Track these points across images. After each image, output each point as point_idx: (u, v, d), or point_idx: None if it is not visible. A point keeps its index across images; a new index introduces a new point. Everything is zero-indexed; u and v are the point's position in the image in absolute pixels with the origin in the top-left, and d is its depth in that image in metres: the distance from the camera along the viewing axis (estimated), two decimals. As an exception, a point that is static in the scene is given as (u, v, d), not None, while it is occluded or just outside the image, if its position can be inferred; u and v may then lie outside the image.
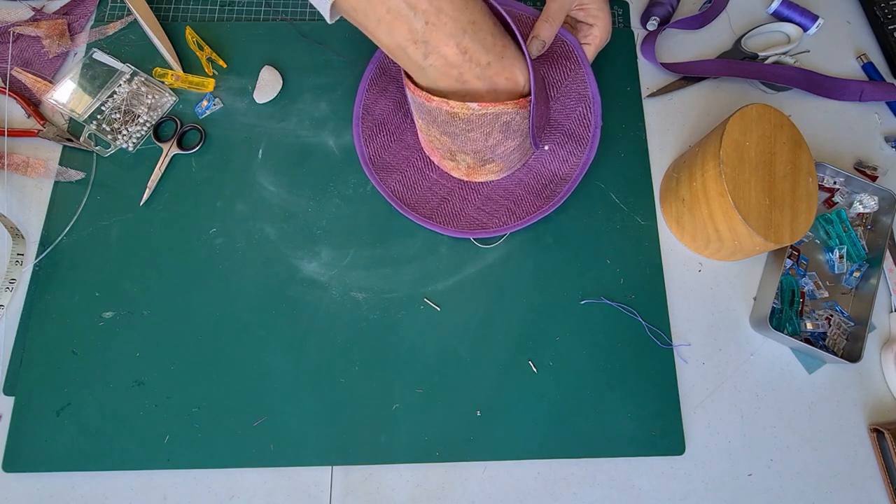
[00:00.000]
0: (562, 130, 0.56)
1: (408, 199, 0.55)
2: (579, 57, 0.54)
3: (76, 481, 0.48)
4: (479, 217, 0.55)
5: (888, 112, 0.67)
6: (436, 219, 0.54)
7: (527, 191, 0.55)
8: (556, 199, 0.54)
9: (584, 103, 0.55)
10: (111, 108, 0.57)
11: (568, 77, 0.55)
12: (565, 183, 0.55)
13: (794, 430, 0.54)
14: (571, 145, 0.55)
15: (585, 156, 0.55)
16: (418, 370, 0.52)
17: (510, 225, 0.54)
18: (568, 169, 0.55)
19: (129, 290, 0.52)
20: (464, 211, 0.55)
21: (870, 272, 0.58)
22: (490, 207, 0.55)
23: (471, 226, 0.54)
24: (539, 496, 0.50)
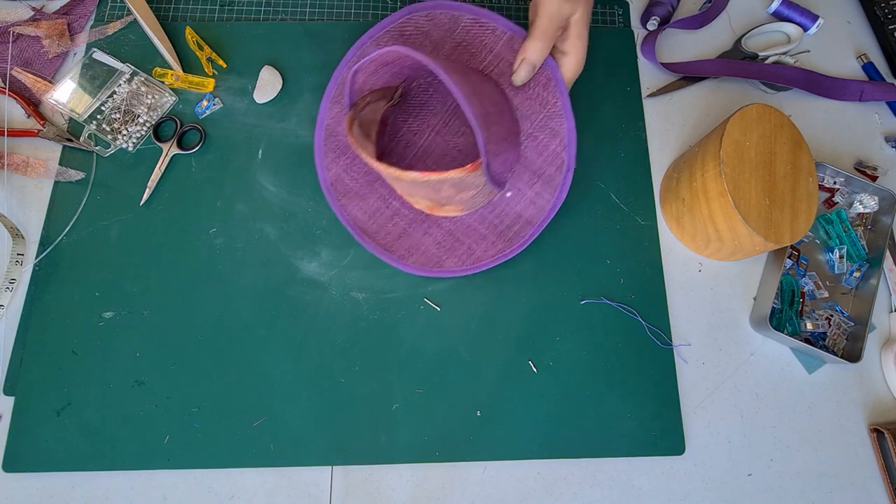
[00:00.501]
0: (532, 169, 0.51)
1: (368, 228, 0.52)
2: (558, 87, 0.49)
3: (76, 481, 0.48)
4: (438, 253, 0.52)
5: (888, 112, 0.67)
6: (394, 251, 0.51)
7: (490, 230, 0.51)
8: (517, 243, 0.51)
9: (558, 140, 0.50)
10: (111, 108, 0.57)
11: (544, 109, 0.50)
12: (530, 226, 0.51)
13: (794, 430, 0.54)
14: (540, 186, 0.51)
15: (554, 199, 0.50)
16: (418, 370, 0.52)
17: (468, 267, 0.51)
18: (534, 212, 0.51)
19: (129, 290, 0.52)
20: (423, 245, 0.52)
21: (870, 272, 0.58)
22: (450, 243, 0.52)
23: (428, 263, 0.51)
24: (539, 496, 0.50)
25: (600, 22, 0.66)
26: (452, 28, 0.52)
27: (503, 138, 0.46)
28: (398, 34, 0.52)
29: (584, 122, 0.61)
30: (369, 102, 0.48)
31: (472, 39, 0.51)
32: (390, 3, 0.65)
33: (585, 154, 0.60)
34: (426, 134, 0.53)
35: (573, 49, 0.48)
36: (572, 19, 0.46)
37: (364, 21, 0.63)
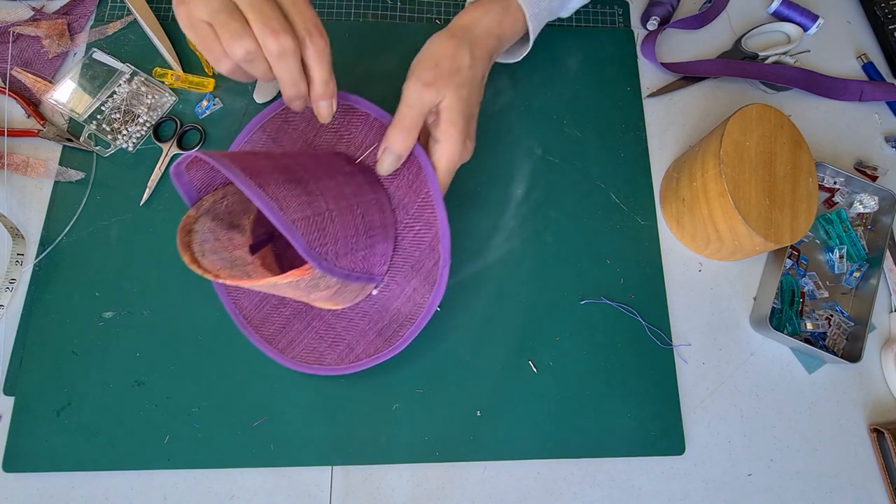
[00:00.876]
0: (411, 262, 0.47)
1: (253, 318, 0.49)
2: (428, 176, 0.45)
3: (76, 481, 0.48)
4: (318, 346, 0.48)
5: (888, 112, 0.67)
6: (275, 343, 0.49)
7: (371, 326, 0.48)
8: (396, 343, 0.47)
9: (433, 232, 0.46)
10: (111, 108, 0.57)
11: (418, 198, 0.46)
12: (409, 325, 0.47)
13: (794, 430, 0.54)
14: (418, 282, 0.47)
15: (432, 297, 0.46)
16: (418, 370, 0.52)
17: (346, 366, 0.48)
18: (412, 308, 0.47)
19: (129, 290, 0.52)
20: (304, 338, 0.49)
21: (870, 272, 0.58)
22: (331, 337, 0.48)
23: (308, 358, 0.48)
24: (539, 496, 0.50)
25: (600, 22, 0.66)
26: None
27: (359, 234, 0.43)
28: (283, 120, 0.50)
29: (585, 122, 0.61)
30: (232, 193, 0.44)
31: (348, 126, 0.49)
32: (390, 3, 0.65)
33: (585, 154, 0.60)
34: None
35: (444, 137, 0.44)
36: (442, 105, 0.43)
37: (364, 21, 0.63)
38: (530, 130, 0.61)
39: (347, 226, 0.41)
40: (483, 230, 0.56)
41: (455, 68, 0.44)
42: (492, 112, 0.61)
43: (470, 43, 0.45)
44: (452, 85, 0.43)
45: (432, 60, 0.43)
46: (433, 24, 0.64)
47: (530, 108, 0.61)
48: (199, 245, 0.41)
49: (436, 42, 0.45)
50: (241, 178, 0.35)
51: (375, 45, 0.62)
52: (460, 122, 0.44)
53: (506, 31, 0.48)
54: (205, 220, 0.42)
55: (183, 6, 0.36)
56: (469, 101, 0.45)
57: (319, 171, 0.42)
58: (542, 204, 0.58)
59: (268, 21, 0.36)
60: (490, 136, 0.59)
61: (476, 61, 0.45)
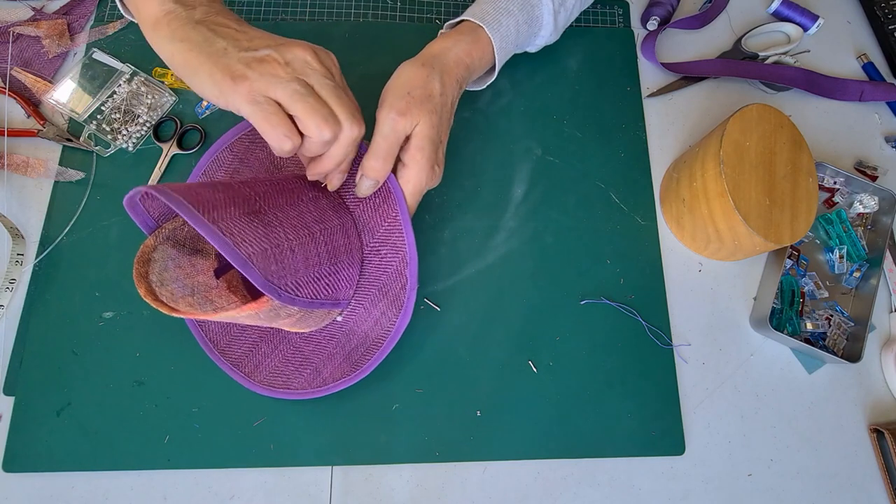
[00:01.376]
0: (377, 286, 0.47)
1: (220, 342, 0.48)
2: (397, 200, 0.46)
3: (76, 481, 0.48)
4: (285, 370, 0.48)
5: (888, 112, 0.67)
6: (242, 367, 0.48)
7: (338, 349, 0.48)
8: (363, 367, 0.47)
9: (399, 257, 0.46)
10: (111, 108, 0.57)
11: (385, 222, 0.47)
12: (376, 348, 0.47)
13: (794, 430, 0.54)
14: (385, 305, 0.47)
15: (398, 321, 0.47)
16: (418, 370, 0.52)
17: (314, 390, 0.48)
18: (380, 332, 0.47)
19: (129, 290, 0.52)
20: (270, 361, 0.48)
21: (870, 272, 0.58)
22: (298, 361, 0.48)
23: (275, 382, 0.48)
24: (539, 496, 0.50)
25: (600, 22, 0.67)
26: None
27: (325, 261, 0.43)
28: (250, 141, 0.49)
29: (585, 122, 0.61)
30: None
31: None
32: (390, 3, 0.65)
33: (585, 154, 0.60)
34: None
35: (412, 162, 0.45)
36: (414, 131, 0.44)
37: (364, 21, 0.63)
38: (530, 130, 0.61)
39: (309, 255, 0.41)
40: (483, 230, 0.56)
41: (426, 95, 0.45)
42: (492, 112, 0.61)
43: (440, 71, 0.46)
44: (424, 112, 0.44)
45: (404, 89, 0.44)
46: (433, 23, 0.64)
47: (530, 108, 0.61)
48: (158, 274, 0.40)
49: (407, 70, 0.46)
50: (192, 214, 0.34)
51: (375, 45, 0.62)
52: (428, 148, 0.45)
53: (475, 61, 0.50)
54: (164, 248, 0.42)
55: (249, 83, 0.37)
56: (439, 127, 0.46)
57: (279, 199, 0.42)
58: (542, 204, 0.58)
59: (353, 112, 0.40)
60: (490, 136, 0.59)
61: (446, 88, 0.46)
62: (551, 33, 0.57)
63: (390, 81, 0.46)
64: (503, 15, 0.51)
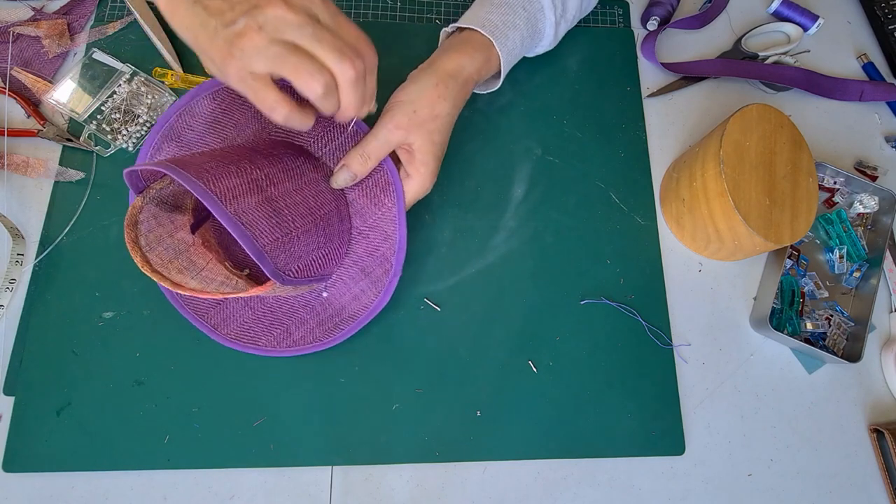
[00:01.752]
0: (361, 266, 0.50)
1: None
2: (397, 193, 0.48)
3: (76, 481, 0.48)
4: (254, 329, 0.49)
5: (888, 112, 0.67)
6: (208, 319, 0.48)
7: (312, 316, 0.49)
8: (337, 336, 0.49)
9: (388, 244, 0.49)
10: (111, 108, 0.57)
11: (378, 210, 0.49)
12: (352, 321, 0.49)
13: (794, 430, 0.54)
14: (366, 284, 0.49)
15: (377, 300, 0.49)
16: (418, 370, 0.52)
17: (283, 349, 0.49)
18: (358, 308, 0.49)
19: (129, 290, 0.52)
20: (239, 317, 0.49)
21: (870, 272, 0.58)
22: (268, 321, 0.49)
23: (242, 337, 0.48)
24: (539, 496, 0.50)
25: (600, 22, 0.67)
26: None
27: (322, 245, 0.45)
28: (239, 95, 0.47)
29: (585, 122, 0.61)
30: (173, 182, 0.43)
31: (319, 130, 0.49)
32: (390, 3, 0.65)
33: (585, 154, 0.60)
34: None
35: (416, 174, 0.48)
36: (414, 147, 0.46)
37: (364, 21, 0.63)
38: (530, 130, 0.61)
39: (311, 240, 0.43)
40: (483, 230, 0.56)
41: (432, 116, 0.46)
42: (492, 112, 0.61)
43: (454, 92, 0.48)
44: (425, 131, 0.46)
45: (411, 106, 0.46)
46: (433, 24, 0.64)
47: (530, 108, 0.61)
48: (145, 237, 0.41)
49: (419, 85, 0.47)
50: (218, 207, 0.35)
51: (375, 45, 0.62)
52: (432, 163, 0.47)
53: (482, 76, 0.52)
54: (149, 207, 0.42)
55: (234, 61, 0.35)
56: (441, 145, 0.48)
57: (288, 184, 0.43)
58: (542, 204, 0.58)
59: (340, 50, 0.36)
60: (490, 136, 0.59)
61: (455, 109, 0.49)
62: (550, 43, 0.58)
63: (401, 90, 0.47)
64: (510, 29, 0.52)
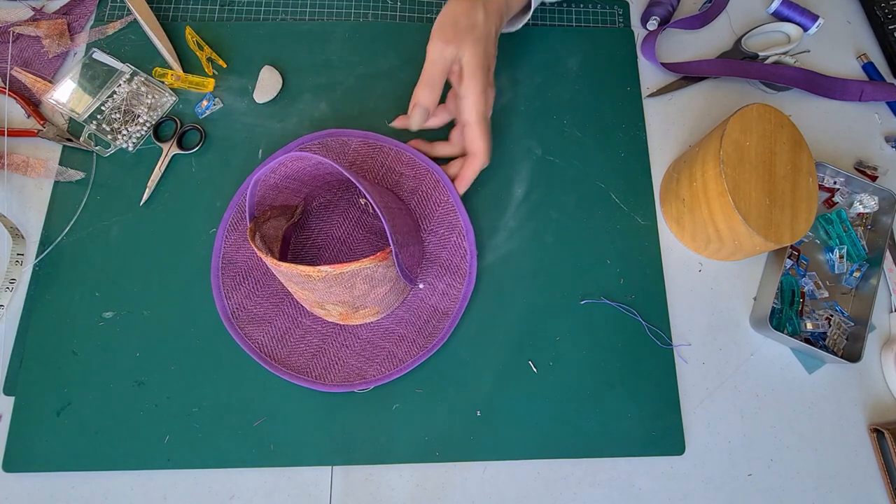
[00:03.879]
0: (439, 263, 0.53)
1: (277, 354, 0.50)
2: (447, 186, 0.54)
3: (76, 481, 0.48)
4: (358, 365, 0.50)
5: (888, 112, 0.67)
6: (309, 373, 0.50)
7: (408, 329, 0.51)
8: (438, 336, 0.51)
9: (456, 232, 0.53)
10: (111, 108, 0.57)
11: (439, 207, 0.54)
12: (447, 318, 0.52)
13: (794, 430, 0.54)
14: (450, 277, 0.53)
15: (465, 288, 0.52)
16: (418, 370, 0.52)
17: (391, 372, 0.50)
18: (448, 303, 0.52)
19: (129, 290, 0.52)
20: (341, 359, 0.50)
21: (870, 272, 0.58)
22: (370, 352, 0.51)
23: (348, 377, 0.50)
24: (539, 496, 0.50)
25: (600, 22, 0.67)
26: (344, 151, 0.56)
27: (407, 231, 0.49)
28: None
29: (585, 122, 0.61)
30: (270, 217, 0.49)
31: (364, 158, 0.56)
32: (390, 3, 0.65)
33: (585, 154, 0.60)
34: (331, 249, 0.54)
35: (469, 91, 0.49)
36: (463, 61, 0.48)
37: (364, 21, 0.63)
38: (530, 130, 0.61)
39: (403, 223, 0.48)
40: (483, 230, 0.56)
41: (471, 24, 0.48)
42: (492, 112, 0.61)
43: (483, 2, 0.50)
44: (470, 39, 0.48)
45: (450, 20, 0.48)
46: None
47: (530, 108, 0.61)
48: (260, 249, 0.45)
49: (452, 4, 0.50)
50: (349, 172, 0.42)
51: (375, 45, 0.62)
52: (479, 73, 0.49)
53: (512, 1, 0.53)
54: (258, 238, 0.46)
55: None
56: (486, 53, 0.49)
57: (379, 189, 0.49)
58: (542, 204, 0.58)
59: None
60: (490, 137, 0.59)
61: (489, 16, 0.50)
62: None
63: (438, 17, 0.50)
64: None
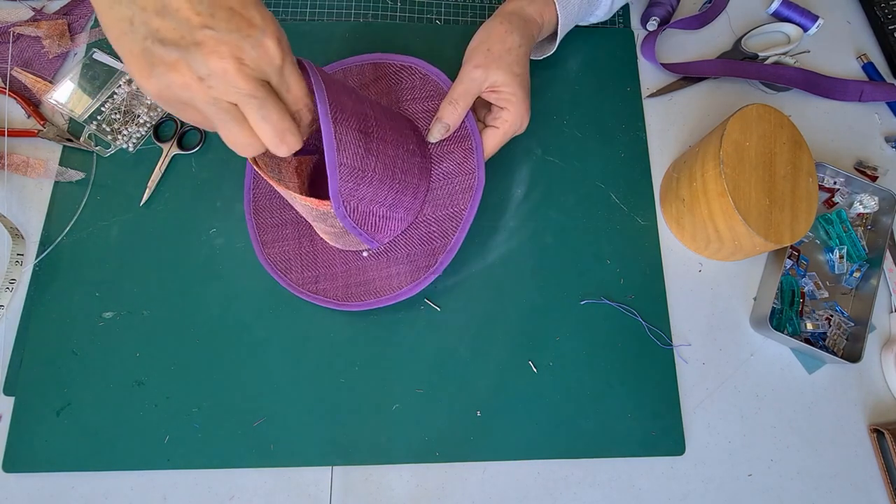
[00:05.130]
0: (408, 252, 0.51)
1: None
2: (475, 144, 0.50)
3: (76, 481, 0.48)
4: (293, 259, 0.53)
5: (888, 112, 0.67)
6: (262, 234, 0.53)
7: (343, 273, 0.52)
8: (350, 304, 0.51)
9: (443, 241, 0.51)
10: (111, 108, 0.57)
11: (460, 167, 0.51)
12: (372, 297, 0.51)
13: (794, 430, 0.54)
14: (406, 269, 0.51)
15: (406, 289, 0.50)
16: (418, 370, 0.52)
17: (303, 291, 0.52)
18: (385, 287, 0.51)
19: (129, 290, 0.52)
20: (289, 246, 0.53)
21: (870, 272, 0.58)
22: (308, 260, 0.53)
23: (279, 263, 0.52)
24: (539, 496, 0.50)
25: (601, 22, 0.66)
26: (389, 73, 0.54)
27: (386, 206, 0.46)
28: None
29: (585, 122, 0.61)
30: None
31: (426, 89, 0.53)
32: (390, 3, 0.65)
33: (585, 154, 0.60)
34: None
35: (510, 104, 0.49)
36: (499, 82, 0.48)
37: (364, 21, 0.63)
38: (530, 130, 0.60)
39: (379, 192, 0.45)
40: (483, 230, 0.56)
41: (506, 49, 0.49)
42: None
43: (519, 27, 0.50)
44: (504, 64, 0.48)
45: (484, 45, 0.49)
46: (433, 24, 0.64)
47: (530, 109, 0.61)
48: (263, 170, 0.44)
49: (486, 28, 0.51)
50: (325, 106, 0.38)
51: (375, 45, 0.62)
52: (519, 92, 0.49)
53: (544, 23, 0.53)
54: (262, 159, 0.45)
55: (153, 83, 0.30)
56: (523, 77, 0.50)
57: (388, 135, 0.46)
58: (542, 204, 0.58)
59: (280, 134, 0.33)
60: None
61: (525, 41, 0.50)
62: (606, 12, 0.60)
63: (472, 41, 0.51)
64: None
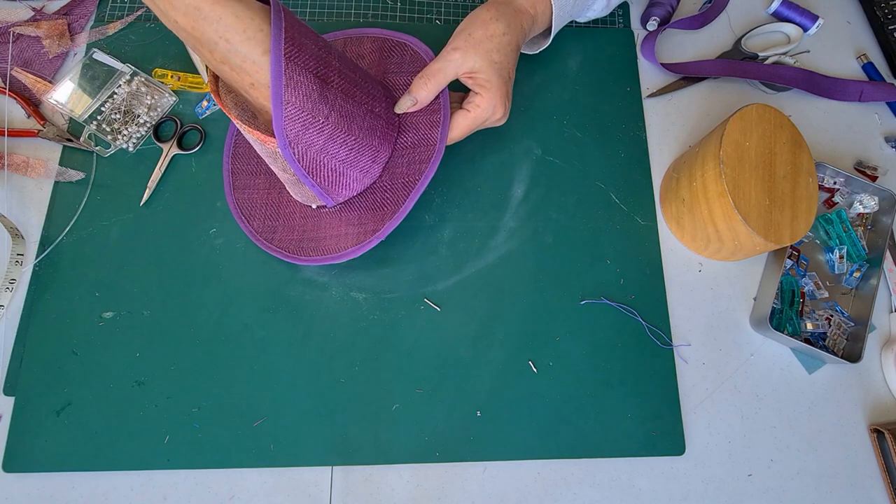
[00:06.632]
0: (358, 215, 0.51)
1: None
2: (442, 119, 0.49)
3: (76, 481, 0.48)
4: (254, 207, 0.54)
5: (888, 112, 0.67)
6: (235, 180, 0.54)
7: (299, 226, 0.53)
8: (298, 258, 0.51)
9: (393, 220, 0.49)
10: (111, 108, 0.57)
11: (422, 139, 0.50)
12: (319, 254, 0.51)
13: (794, 430, 0.54)
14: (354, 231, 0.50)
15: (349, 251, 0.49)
16: (418, 370, 0.52)
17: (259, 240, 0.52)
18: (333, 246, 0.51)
19: (129, 290, 0.52)
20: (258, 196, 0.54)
21: (870, 272, 0.58)
22: (271, 211, 0.53)
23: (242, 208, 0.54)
24: (539, 496, 0.50)
25: (600, 22, 0.66)
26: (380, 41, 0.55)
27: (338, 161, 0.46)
28: None
29: (585, 122, 0.61)
30: None
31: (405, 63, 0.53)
32: (390, 3, 0.65)
33: (585, 154, 0.60)
34: None
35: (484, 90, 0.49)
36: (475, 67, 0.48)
37: (364, 21, 0.63)
38: (530, 130, 0.61)
39: (331, 144, 0.44)
40: (483, 230, 0.56)
41: (487, 36, 0.48)
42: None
43: (507, 16, 0.50)
44: (483, 51, 0.48)
45: (467, 30, 0.49)
46: (433, 24, 0.64)
47: (530, 109, 0.61)
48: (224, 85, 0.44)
49: (474, 13, 0.50)
50: (278, 40, 0.37)
51: (375, 46, 0.62)
52: (494, 79, 0.49)
53: (537, 14, 0.53)
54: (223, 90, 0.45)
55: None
56: (502, 64, 0.49)
57: (352, 89, 0.45)
58: (542, 204, 0.58)
59: None
60: (490, 137, 0.59)
61: (511, 30, 0.50)
62: (603, 8, 0.60)
63: (459, 25, 0.50)
64: None
